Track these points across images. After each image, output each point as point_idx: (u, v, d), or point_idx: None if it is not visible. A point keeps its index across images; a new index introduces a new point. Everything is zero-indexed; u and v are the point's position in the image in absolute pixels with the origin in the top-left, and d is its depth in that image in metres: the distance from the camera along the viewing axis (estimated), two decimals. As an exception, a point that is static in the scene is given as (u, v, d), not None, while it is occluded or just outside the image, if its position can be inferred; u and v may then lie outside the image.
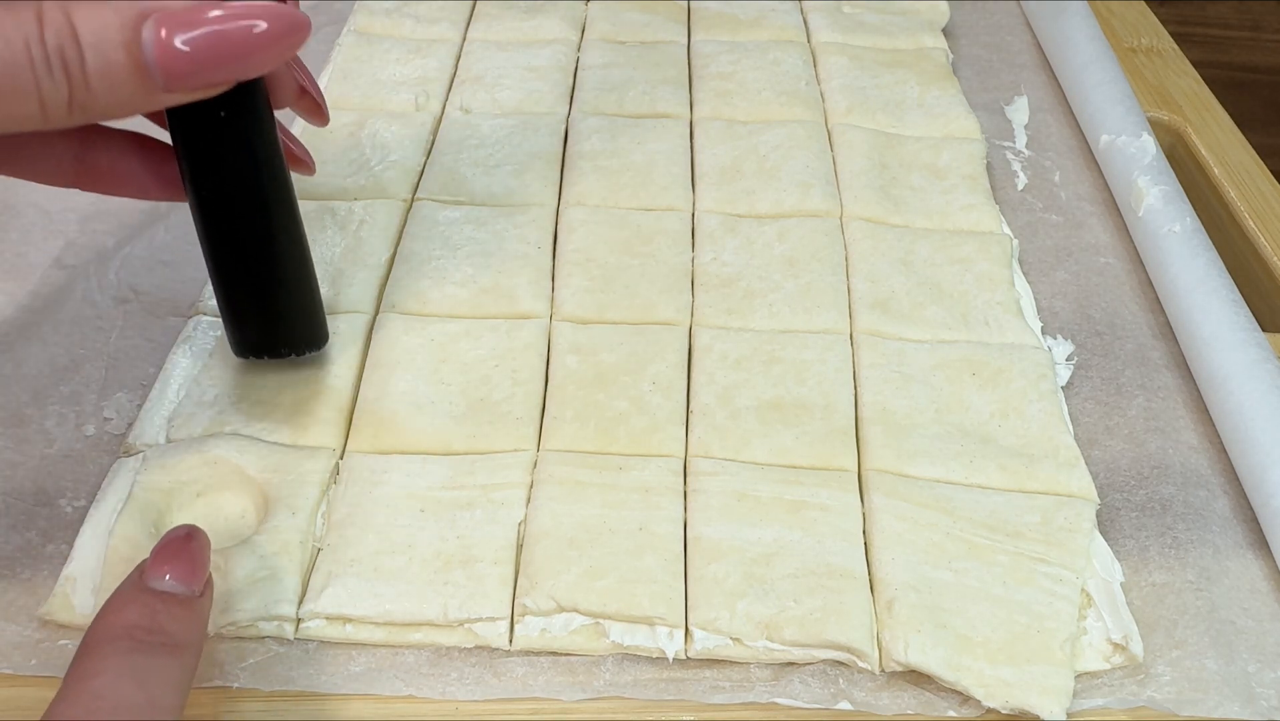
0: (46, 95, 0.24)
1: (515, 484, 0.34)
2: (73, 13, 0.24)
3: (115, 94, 0.25)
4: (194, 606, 0.27)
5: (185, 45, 0.25)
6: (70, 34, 0.24)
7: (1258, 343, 0.39)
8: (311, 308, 0.36)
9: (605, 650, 0.31)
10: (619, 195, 0.46)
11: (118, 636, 0.25)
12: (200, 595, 0.28)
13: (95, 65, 0.24)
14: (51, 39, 0.24)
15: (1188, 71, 0.58)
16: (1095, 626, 0.32)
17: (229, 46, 0.25)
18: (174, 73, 0.25)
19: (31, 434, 0.36)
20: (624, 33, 0.56)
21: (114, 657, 0.25)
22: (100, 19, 0.24)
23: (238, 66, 0.26)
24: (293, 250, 0.34)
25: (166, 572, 0.27)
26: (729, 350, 0.39)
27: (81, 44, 0.24)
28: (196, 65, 0.25)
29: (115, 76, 0.24)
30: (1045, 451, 0.36)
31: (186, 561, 0.28)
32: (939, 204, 0.46)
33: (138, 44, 0.24)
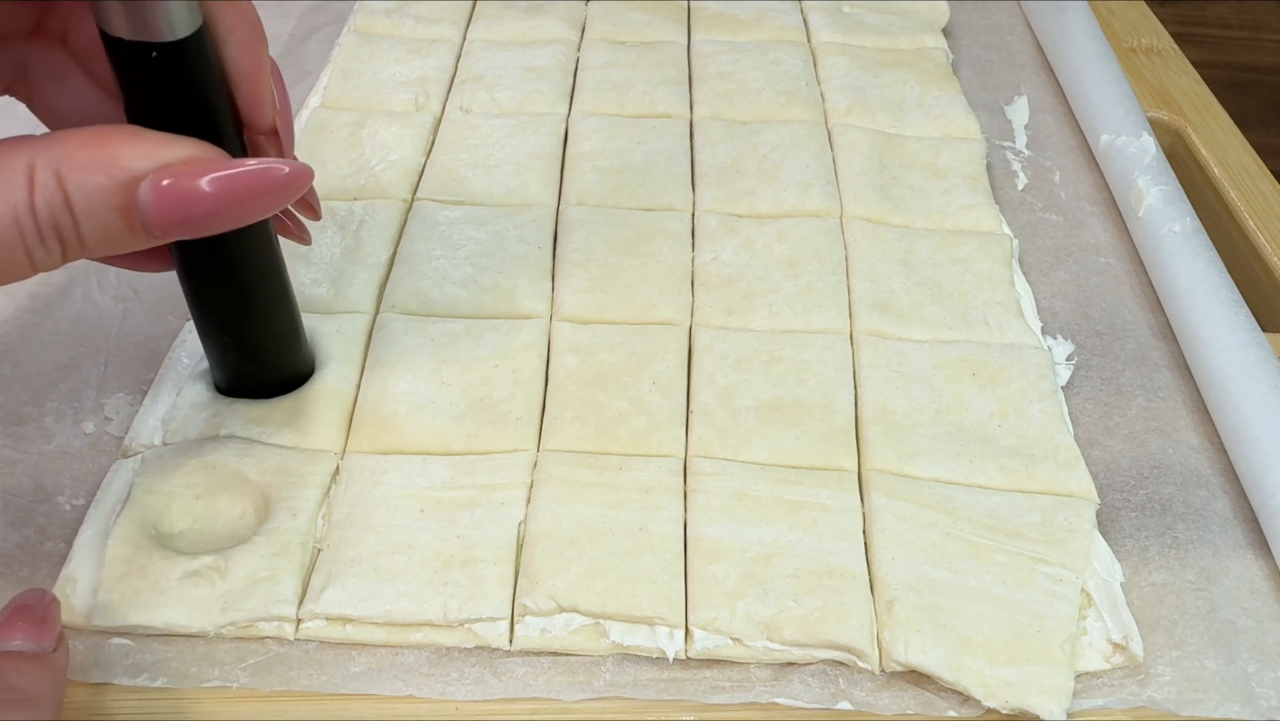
0: (39, 261, 0.24)
1: (515, 484, 0.34)
2: (64, 176, 0.23)
3: (109, 249, 0.25)
4: (46, 662, 0.27)
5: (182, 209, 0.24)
6: (62, 202, 0.23)
7: (1258, 342, 0.39)
8: (297, 355, 0.37)
9: (605, 650, 0.31)
10: (619, 195, 0.46)
11: None
12: (54, 650, 0.28)
13: (89, 229, 0.24)
14: (43, 208, 0.23)
15: (1188, 71, 0.58)
16: (1095, 626, 0.32)
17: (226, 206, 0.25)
18: (170, 229, 0.25)
19: (30, 431, 0.36)
20: (624, 33, 0.56)
21: None
22: (92, 183, 0.23)
23: (236, 221, 0.25)
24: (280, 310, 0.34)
25: (16, 636, 0.27)
26: (729, 350, 0.39)
27: (74, 211, 0.23)
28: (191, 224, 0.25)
29: (110, 235, 0.24)
30: (1045, 451, 0.36)
31: (35, 621, 0.28)
32: (939, 204, 0.46)
33: (134, 208, 0.24)
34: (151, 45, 0.25)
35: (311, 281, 0.41)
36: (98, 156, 0.23)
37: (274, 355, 0.36)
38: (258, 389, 0.36)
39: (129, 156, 0.24)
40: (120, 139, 0.24)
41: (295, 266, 0.41)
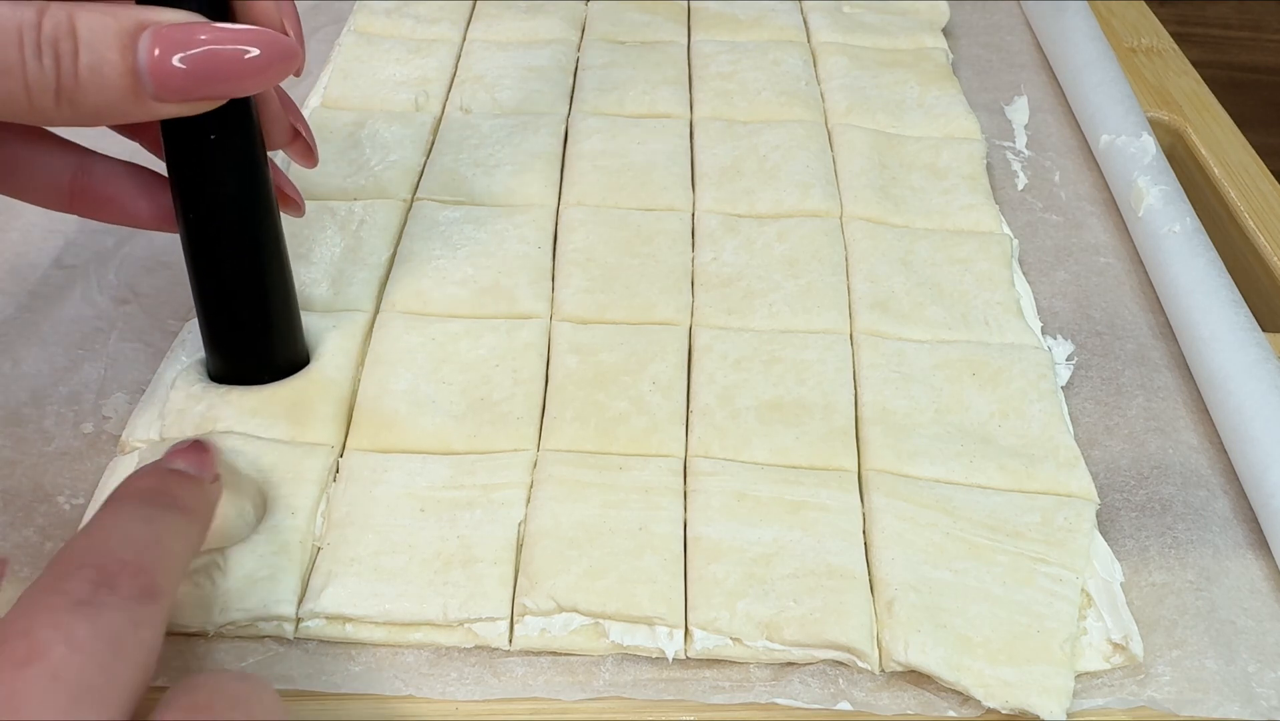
0: (32, 79, 0.25)
1: (515, 483, 0.34)
2: (75, 12, 0.25)
3: (104, 94, 0.26)
4: (203, 485, 0.29)
5: (179, 62, 0.26)
6: (68, 28, 0.25)
7: (1258, 342, 0.39)
8: (293, 338, 0.37)
9: (605, 650, 0.31)
10: (619, 195, 0.46)
11: (129, 496, 0.27)
12: (211, 481, 0.30)
13: (87, 60, 0.25)
14: (49, 28, 0.25)
15: (1188, 71, 0.58)
16: (1095, 626, 0.32)
17: (220, 67, 0.27)
18: (164, 84, 0.26)
19: (30, 432, 0.36)
20: (624, 33, 0.56)
21: (126, 506, 0.27)
22: (100, 21, 0.25)
23: (226, 87, 0.27)
24: (277, 281, 0.35)
25: (179, 459, 0.29)
26: (729, 350, 0.39)
27: (78, 38, 0.25)
28: (186, 80, 0.26)
29: (106, 76, 0.25)
30: (1045, 451, 0.36)
31: (198, 452, 0.30)
32: (939, 204, 0.46)
33: (133, 50, 0.25)
34: None
35: (311, 281, 0.41)
36: (111, 9, 0.26)
37: (270, 332, 0.36)
38: (251, 371, 0.36)
39: (142, 11, 0.26)
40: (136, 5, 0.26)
41: (296, 266, 0.41)
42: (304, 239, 0.43)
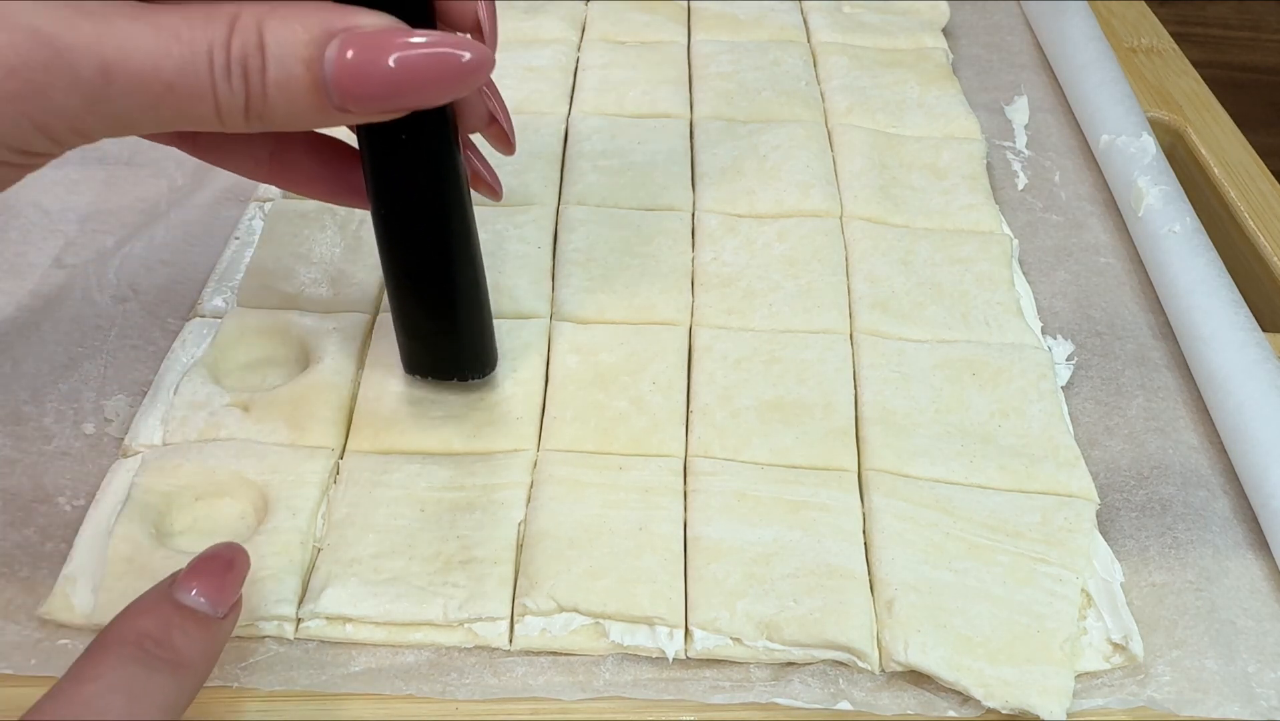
0: (222, 100, 0.24)
1: (515, 484, 0.34)
2: (264, 22, 0.24)
3: (291, 107, 0.25)
4: (211, 628, 0.27)
5: (365, 73, 0.25)
6: (257, 44, 0.24)
7: (1258, 343, 0.39)
8: (482, 334, 0.36)
9: (605, 650, 0.31)
10: (619, 195, 0.46)
11: (127, 641, 0.25)
12: (222, 618, 0.27)
13: (275, 76, 0.24)
14: (238, 47, 0.24)
15: (1188, 71, 0.58)
16: (1095, 626, 0.32)
17: (406, 79, 0.25)
18: (348, 94, 0.25)
19: (30, 431, 0.36)
20: (624, 33, 0.56)
21: (114, 666, 0.25)
22: (289, 31, 0.24)
23: (414, 99, 0.26)
24: (468, 276, 0.34)
25: (195, 587, 0.27)
26: (729, 350, 0.39)
27: (266, 54, 0.24)
28: (370, 93, 0.25)
29: (292, 89, 0.25)
30: (1045, 451, 0.36)
31: (218, 581, 0.27)
32: (939, 204, 0.46)
33: (319, 61, 0.24)
34: None
35: (311, 281, 0.41)
36: (298, 14, 0.25)
37: (456, 331, 0.35)
38: (441, 366, 0.36)
39: (325, 15, 0.25)
40: (322, 6, 0.25)
41: (295, 266, 0.41)
42: (304, 239, 0.43)
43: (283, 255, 0.42)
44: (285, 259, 0.42)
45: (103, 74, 0.23)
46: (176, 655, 0.26)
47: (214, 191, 0.46)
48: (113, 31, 0.23)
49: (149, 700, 0.24)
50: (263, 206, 0.45)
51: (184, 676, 0.26)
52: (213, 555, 0.28)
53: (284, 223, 0.43)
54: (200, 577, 0.27)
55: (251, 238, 0.44)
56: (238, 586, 0.28)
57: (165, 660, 0.25)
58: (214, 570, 0.27)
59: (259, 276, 0.41)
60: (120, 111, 0.24)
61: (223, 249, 0.43)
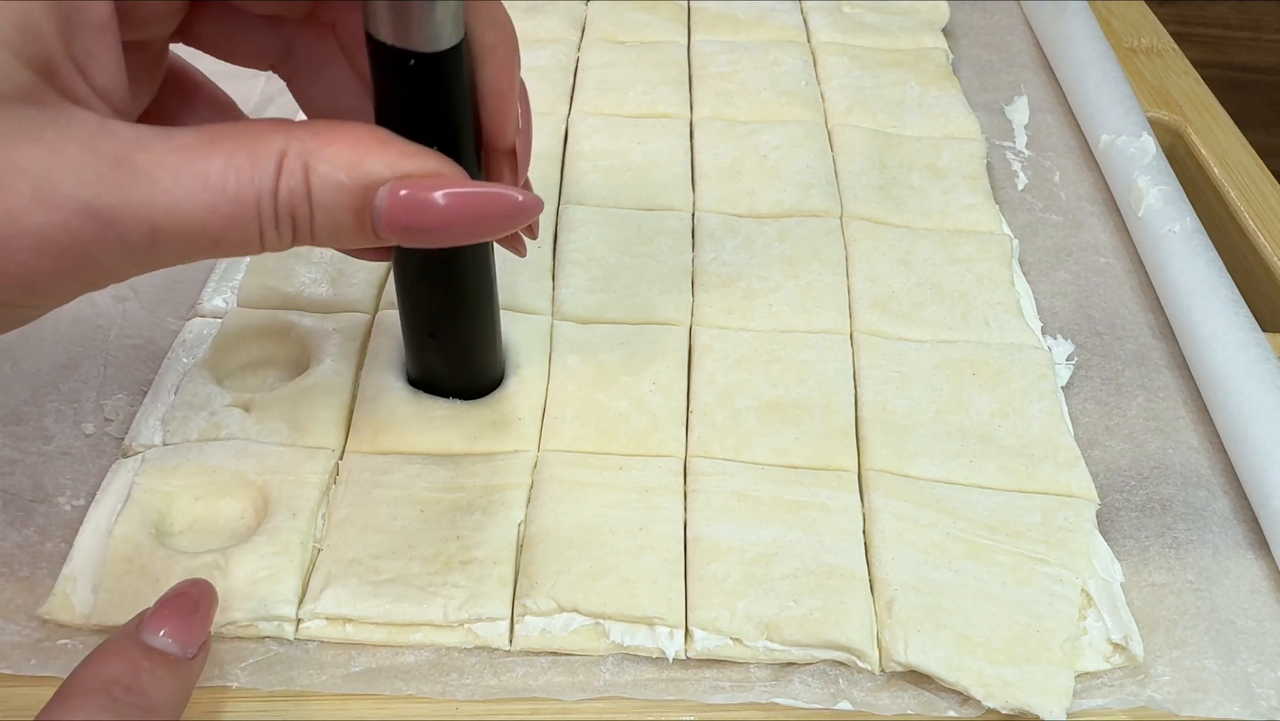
0: (269, 242, 0.25)
1: (515, 484, 0.34)
2: (311, 168, 0.24)
3: (336, 243, 0.26)
4: (180, 670, 0.27)
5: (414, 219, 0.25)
6: (304, 193, 0.24)
7: (1258, 343, 0.39)
8: (493, 364, 0.37)
9: (605, 650, 0.31)
10: (619, 195, 0.46)
11: (94, 690, 0.25)
12: (192, 658, 0.27)
13: (322, 222, 0.25)
14: (285, 195, 0.24)
15: (1188, 71, 0.58)
16: (1095, 626, 0.32)
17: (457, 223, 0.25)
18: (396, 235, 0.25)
19: (30, 431, 0.36)
20: (624, 33, 0.56)
21: (83, 712, 0.25)
22: (335, 180, 0.24)
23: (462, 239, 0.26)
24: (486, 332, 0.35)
25: (163, 629, 0.27)
26: (729, 350, 0.39)
27: (313, 203, 0.24)
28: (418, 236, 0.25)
29: (340, 232, 0.25)
30: (1045, 451, 0.36)
31: (184, 621, 0.27)
32: (939, 204, 0.46)
33: (367, 210, 0.24)
34: (411, 53, 0.25)
35: (311, 281, 0.41)
36: (346, 156, 0.24)
37: (469, 359, 0.36)
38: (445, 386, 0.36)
39: (374, 161, 0.24)
40: (370, 143, 0.24)
41: (295, 266, 0.41)
42: (304, 239, 0.43)
43: (283, 255, 0.42)
44: (285, 259, 0.42)
45: (151, 238, 0.23)
46: (146, 700, 0.25)
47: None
48: (160, 193, 0.23)
49: None
50: (263, 206, 0.45)
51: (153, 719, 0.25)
52: (180, 594, 0.28)
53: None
54: (168, 619, 0.27)
55: (251, 238, 0.43)
56: (206, 625, 0.28)
57: (134, 705, 0.25)
58: (181, 610, 0.27)
59: (259, 276, 0.41)
60: (164, 263, 0.25)
61: (223, 249, 0.43)
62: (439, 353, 0.35)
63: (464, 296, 0.33)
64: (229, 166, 0.23)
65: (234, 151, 0.23)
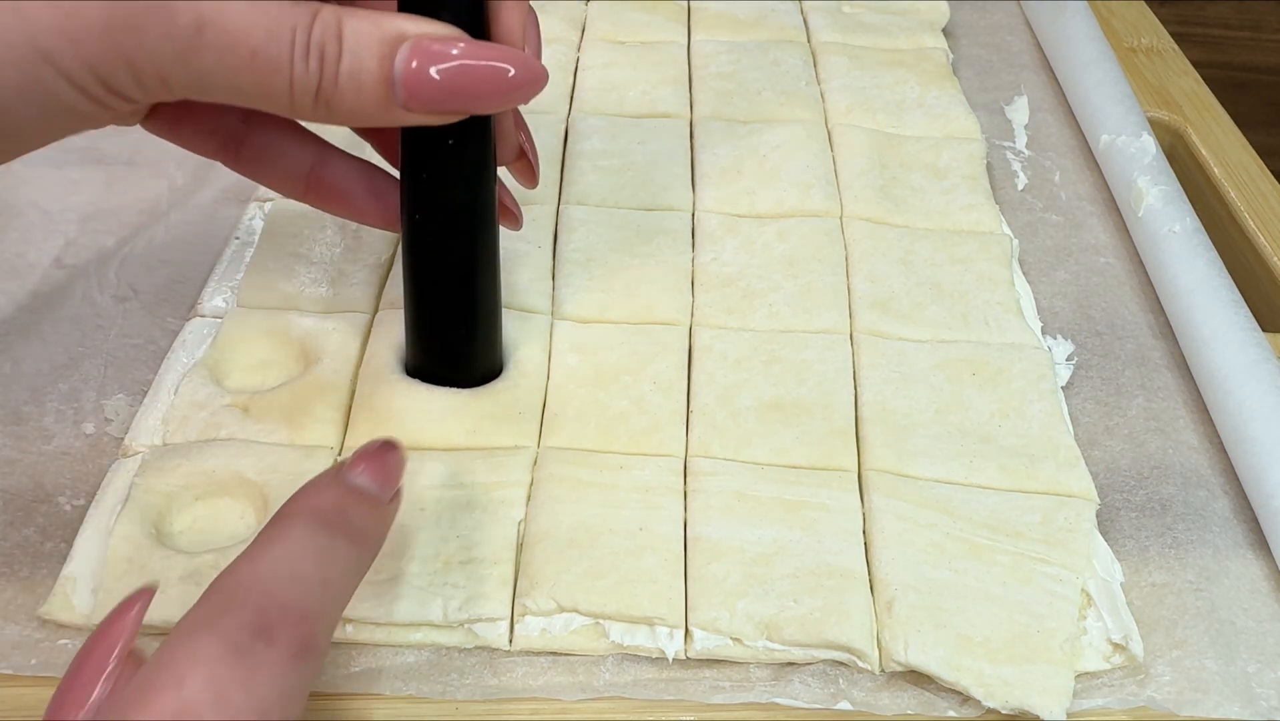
0: (297, 78, 0.26)
1: (516, 483, 0.34)
2: (344, 18, 0.26)
3: (359, 98, 0.27)
4: (380, 508, 0.28)
5: (433, 75, 0.27)
6: (335, 33, 0.26)
7: (1258, 343, 0.39)
8: (494, 347, 0.37)
9: (605, 650, 0.31)
10: (619, 195, 0.46)
11: (304, 516, 0.26)
12: (388, 502, 0.28)
13: (348, 66, 0.26)
14: (318, 32, 0.26)
15: (1188, 71, 0.58)
16: (1095, 626, 0.32)
17: (471, 84, 0.27)
18: (415, 95, 0.27)
19: (30, 431, 0.36)
20: (624, 33, 0.56)
21: (300, 531, 0.26)
22: (365, 29, 0.27)
23: (474, 103, 0.28)
24: (490, 288, 0.35)
25: (363, 471, 0.28)
26: (729, 350, 0.39)
27: (343, 44, 0.26)
28: (436, 93, 0.27)
29: (363, 81, 0.27)
30: (1045, 451, 0.36)
31: (381, 466, 0.28)
32: (939, 204, 0.46)
33: (390, 59, 0.27)
34: None
35: (311, 281, 0.41)
36: (375, 15, 0.27)
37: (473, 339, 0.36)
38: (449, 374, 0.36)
39: (402, 20, 0.27)
40: (397, 14, 0.27)
41: (295, 266, 0.41)
42: (304, 239, 0.43)
43: (283, 255, 0.42)
44: (285, 259, 0.42)
45: (196, 27, 0.25)
46: (353, 528, 0.27)
47: (214, 191, 0.46)
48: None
49: (334, 564, 0.26)
50: (263, 206, 0.45)
51: (361, 548, 0.27)
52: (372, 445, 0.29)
53: (284, 222, 0.43)
54: (366, 463, 0.28)
55: (251, 238, 0.44)
56: (399, 473, 0.29)
57: (344, 531, 0.26)
58: (376, 457, 0.29)
59: (259, 276, 0.41)
60: (205, 69, 0.26)
61: (223, 249, 0.43)
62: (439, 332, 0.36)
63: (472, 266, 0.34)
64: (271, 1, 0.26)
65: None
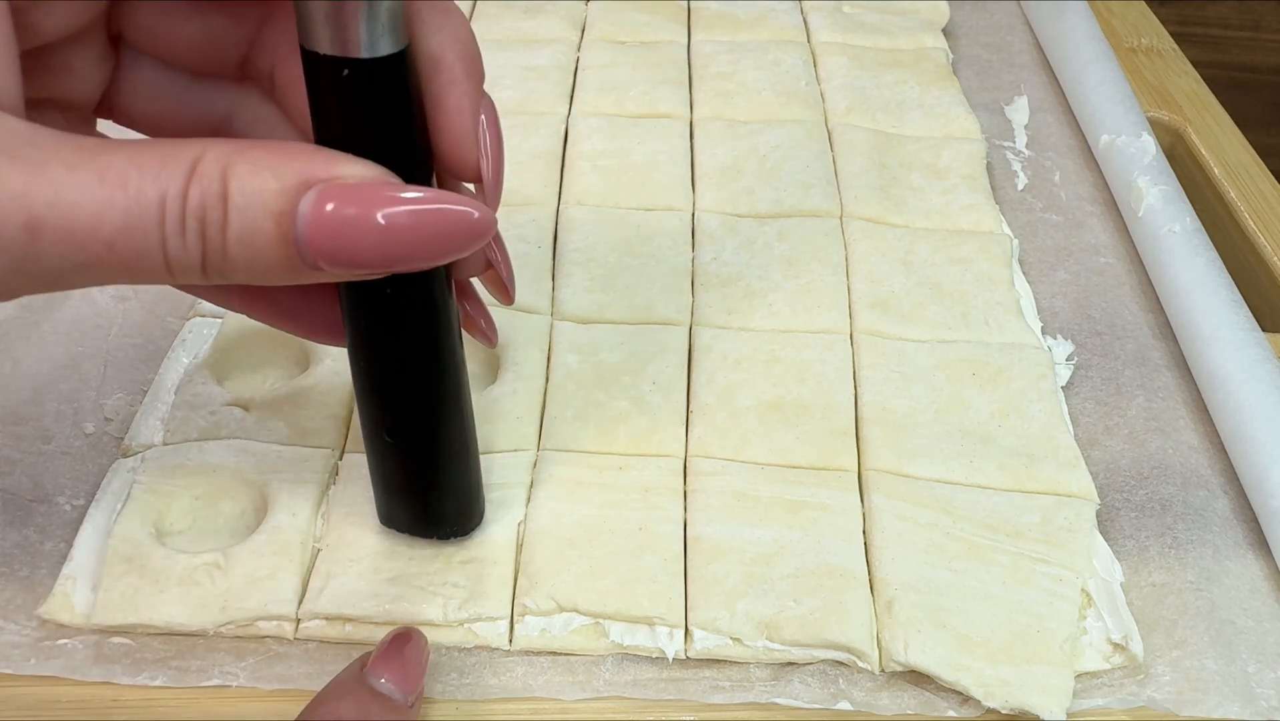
0: (174, 257, 0.21)
1: (515, 483, 0.34)
2: (231, 169, 0.21)
3: (255, 264, 0.22)
4: (402, 714, 0.28)
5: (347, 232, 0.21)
6: (219, 193, 0.21)
7: (1258, 342, 0.39)
8: (467, 493, 0.32)
9: (605, 650, 0.31)
10: (619, 195, 0.46)
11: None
12: (410, 705, 0.28)
13: (237, 230, 0.21)
14: (196, 197, 0.21)
15: (1188, 71, 0.58)
16: (1095, 626, 0.32)
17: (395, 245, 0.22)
18: (324, 254, 0.22)
19: (30, 431, 0.36)
20: (624, 33, 0.56)
21: None
22: (259, 182, 0.21)
23: (401, 264, 0.22)
24: (456, 434, 0.30)
25: (384, 676, 0.28)
26: (729, 350, 0.39)
27: (229, 205, 0.21)
28: (352, 252, 0.22)
29: (257, 244, 0.21)
30: (1045, 451, 0.36)
31: (402, 668, 0.28)
32: (939, 204, 0.46)
33: (291, 215, 0.21)
34: (345, 61, 0.23)
35: (311, 281, 0.41)
36: (270, 159, 0.21)
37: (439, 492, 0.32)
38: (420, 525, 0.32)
39: (302, 164, 0.21)
40: (300, 150, 0.22)
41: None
42: (304, 238, 0.43)
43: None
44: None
45: (29, 231, 0.20)
46: None
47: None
48: (44, 182, 0.20)
49: None
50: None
51: None
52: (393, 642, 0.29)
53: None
54: (388, 666, 0.28)
55: (251, 237, 0.44)
56: (421, 673, 0.29)
57: None
58: (398, 657, 0.28)
59: (259, 276, 0.41)
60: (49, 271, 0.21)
61: (223, 249, 0.43)
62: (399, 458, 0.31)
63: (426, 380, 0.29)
64: (132, 164, 0.21)
65: (143, 152, 0.21)
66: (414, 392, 0.29)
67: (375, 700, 0.27)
